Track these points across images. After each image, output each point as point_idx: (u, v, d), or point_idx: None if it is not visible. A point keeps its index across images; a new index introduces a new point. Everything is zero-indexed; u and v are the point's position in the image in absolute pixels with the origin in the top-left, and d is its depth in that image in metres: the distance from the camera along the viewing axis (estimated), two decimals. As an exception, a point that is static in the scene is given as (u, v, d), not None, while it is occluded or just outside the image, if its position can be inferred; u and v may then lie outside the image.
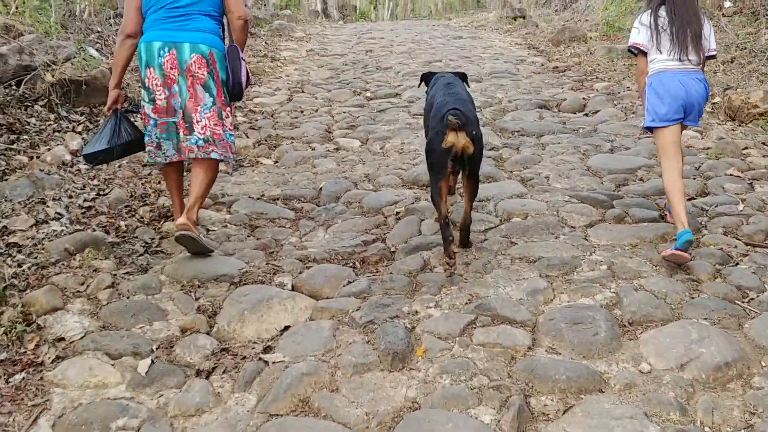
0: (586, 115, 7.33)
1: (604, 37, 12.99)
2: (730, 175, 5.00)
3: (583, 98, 7.91)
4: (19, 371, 2.83)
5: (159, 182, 5.17)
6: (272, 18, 16.11)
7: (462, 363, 2.78)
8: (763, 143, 5.89)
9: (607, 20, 13.47)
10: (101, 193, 4.80)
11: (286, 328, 3.19)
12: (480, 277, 3.62)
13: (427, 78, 4.70)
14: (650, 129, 4.16)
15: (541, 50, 12.32)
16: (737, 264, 3.68)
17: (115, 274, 3.67)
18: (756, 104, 6.84)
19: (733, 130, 6.48)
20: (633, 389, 2.62)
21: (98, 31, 9.07)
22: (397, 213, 4.58)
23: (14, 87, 6.30)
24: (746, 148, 5.71)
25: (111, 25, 9.68)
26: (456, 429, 2.38)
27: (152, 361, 2.88)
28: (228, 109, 4.14)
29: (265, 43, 13.06)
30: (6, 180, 4.66)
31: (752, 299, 3.30)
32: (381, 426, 2.46)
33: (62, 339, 3.05)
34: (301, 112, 7.85)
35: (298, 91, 8.99)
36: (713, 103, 7.36)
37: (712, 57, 4.19)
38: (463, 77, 4.58)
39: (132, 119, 4.32)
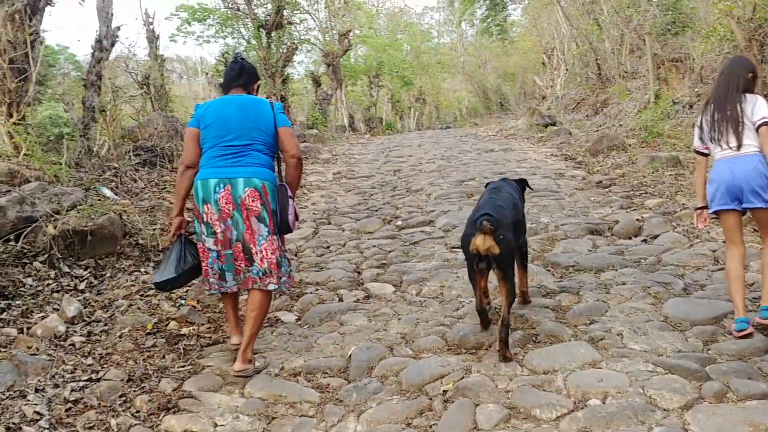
0: (645, 241, 6.56)
1: (644, 144, 12.39)
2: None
3: (637, 219, 7.16)
4: None
5: (163, 356, 4.46)
6: (298, 140, 15.84)
7: None
8: None
9: (646, 125, 12.92)
10: (94, 377, 4.08)
11: None
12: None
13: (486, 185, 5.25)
14: (717, 216, 4.51)
15: (579, 161, 11.71)
16: None
17: None
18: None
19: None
20: None
21: (115, 168, 8.65)
22: (445, 392, 3.78)
23: (13, 242, 5.76)
24: None
25: (130, 158, 9.30)
26: None
27: None
28: (279, 239, 4.37)
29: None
30: (-16, 365, 3.98)
31: None
32: None
33: None
34: (328, 248, 7.19)
35: (324, 223, 8.39)
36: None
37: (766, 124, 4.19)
38: (523, 182, 5.28)
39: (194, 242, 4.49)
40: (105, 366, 4.25)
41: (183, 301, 5.60)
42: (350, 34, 26.26)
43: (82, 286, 5.58)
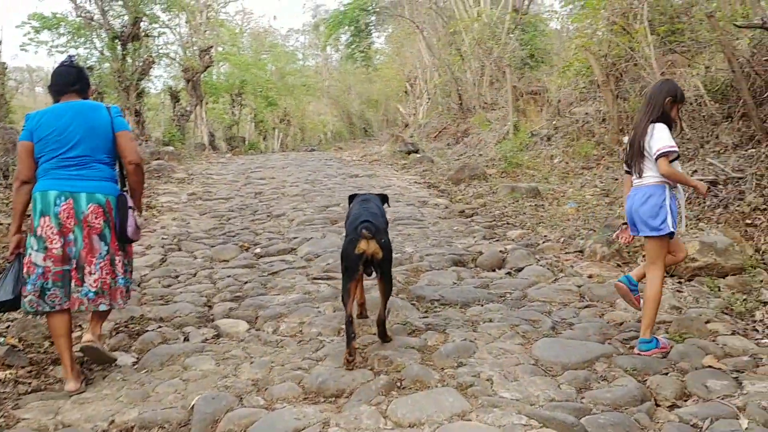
0: (509, 273, 6.41)
1: (504, 174, 12.56)
2: (710, 367, 4.06)
3: (501, 251, 7.03)
4: None
5: None
6: (151, 157, 14.88)
7: None
8: (724, 312, 5.08)
9: (506, 156, 13.12)
10: None
11: None
12: None
13: (351, 197, 5.32)
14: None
15: (442, 190, 11.65)
16: None
17: None
18: (694, 257, 6.15)
19: (679, 291, 5.69)
20: None
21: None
22: (300, 454, 3.32)
23: None
24: (708, 321, 4.86)
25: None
26: None
27: None
28: (121, 253, 4.25)
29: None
30: None
31: None
32: None
33: None
34: (176, 278, 6.54)
35: (173, 249, 7.69)
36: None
37: (664, 155, 4.22)
38: (384, 198, 5.33)
39: None
40: None
41: (1, 339, 4.80)
42: (212, 50, 25.37)
43: None
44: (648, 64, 11.60)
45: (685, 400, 3.72)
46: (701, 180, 8.34)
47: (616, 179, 10.20)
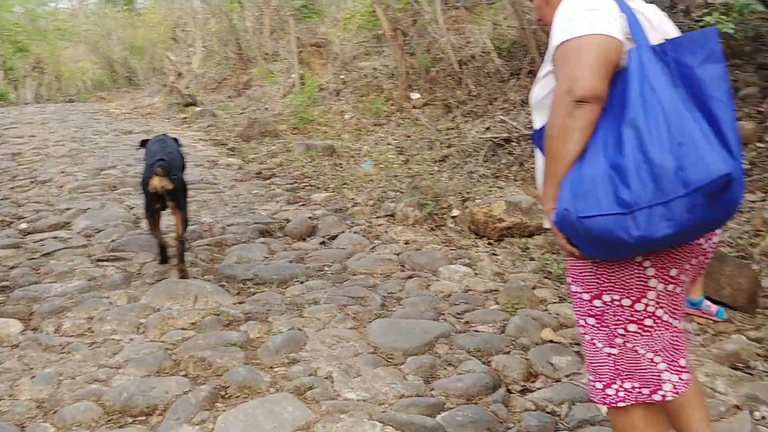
0: (323, 243, 5.97)
1: (295, 130, 12.03)
2: (550, 341, 3.95)
3: (310, 217, 6.57)
4: None
5: None
6: None
7: None
8: (545, 277, 5.05)
9: (296, 111, 12.58)
10: None
11: None
12: None
13: (144, 142, 5.71)
14: None
15: (231, 148, 10.85)
16: None
17: None
18: (501, 218, 6.14)
19: (494, 253, 5.63)
20: None
21: None
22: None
23: None
24: (534, 287, 4.80)
25: None
26: None
27: None
28: None
29: None
30: None
31: None
32: None
33: None
34: None
35: None
36: (453, 217, 6.56)
37: None
38: (176, 140, 5.71)
39: None
40: None
41: None
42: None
43: None
44: (434, 19, 11.62)
45: (533, 381, 3.56)
46: (495, 137, 8.49)
47: (409, 136, 10.14)
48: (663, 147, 1.71)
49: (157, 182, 4.84)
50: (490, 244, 5.96)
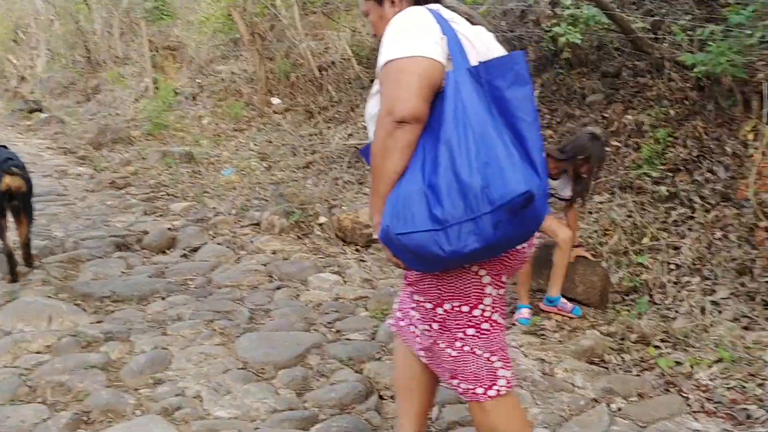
0: (185, 255, 5.76)
1: (150, 137, 11.57)
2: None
3: (169, 229, 6.32)
4: None
5: None
6: None
7: None
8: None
9: (150, 117, 12.10)
10: None
11: None
12: None
13: None
14: None
15: (82, 156, 10.27)
16: None
17: None
18: (368, 224, 6.20)
19: (362, 260, 5.66)
20: None
21: None
22: None
23: None
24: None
25: None
26: None
27: None
28: None
29: None
30: None
31: None
32: None
33: None
34: None
35: None
36: (320, 225, 6.53)
37: None
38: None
39: None
40: None
41: None
42: None
43: None
44: (293, 24, 11.56)
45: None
46: (359, 144, 8.55)
47: (271, 142, 10.02)
48: (472, 167, 1.79)
49: (10, 181, 4.66)
50: (357, 250, 5.99)
